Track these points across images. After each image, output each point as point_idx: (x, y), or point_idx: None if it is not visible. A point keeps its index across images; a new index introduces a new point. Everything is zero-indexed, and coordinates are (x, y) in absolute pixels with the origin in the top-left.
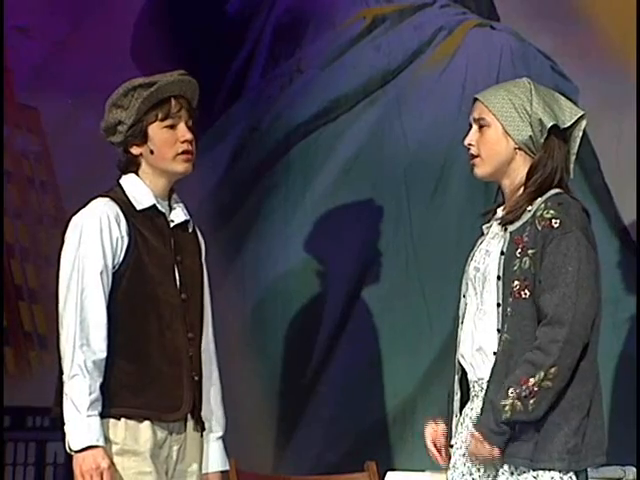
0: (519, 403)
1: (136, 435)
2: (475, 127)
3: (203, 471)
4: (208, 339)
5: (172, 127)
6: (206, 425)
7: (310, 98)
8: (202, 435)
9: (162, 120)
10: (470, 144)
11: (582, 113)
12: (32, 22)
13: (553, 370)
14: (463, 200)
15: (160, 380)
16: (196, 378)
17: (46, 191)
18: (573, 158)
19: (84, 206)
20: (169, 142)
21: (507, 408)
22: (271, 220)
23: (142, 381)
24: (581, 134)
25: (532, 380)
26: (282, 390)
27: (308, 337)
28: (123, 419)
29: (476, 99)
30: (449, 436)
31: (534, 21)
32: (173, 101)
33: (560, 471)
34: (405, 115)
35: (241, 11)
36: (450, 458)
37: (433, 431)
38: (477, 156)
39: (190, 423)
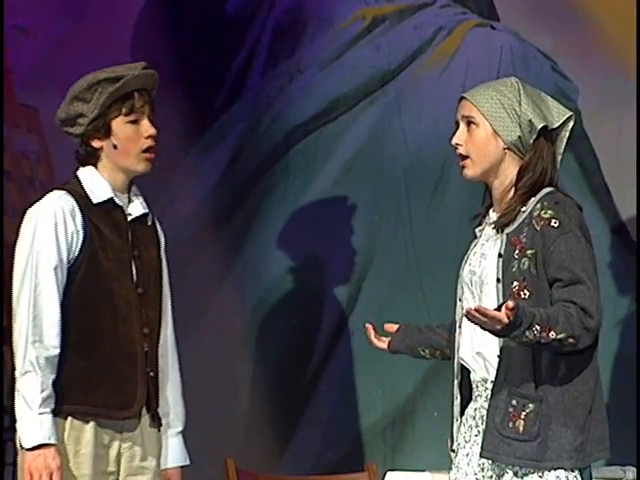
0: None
1: (79, 436)
2: (463, 126)
3: (162, 467)
4: (167, 333)
5: (135, 122)
6: (164, 421)
7: (310, 98)
8: (159, 431)
9: (126, 115)
10: (458, 143)
11: (570, 114)
12: (32, 22)
13: (571, 341)
14: (463, 200)
15: (113, 376)
16: (151, 374)
17: (46, 191)
18: (560, 158)
19: (40, 199)
20: (133, 137)
21: (530, 337)
22: (271, 220)
23: (94, 377)
24: (568, 135)
25: (553, 334)
26: (282, 390)
27: (308, 337)
28: (69, 418)
29: (463, 97)
30: (451, 441)
31: (534, 21)
32: (137, 95)
33: (566, 469)
34: (405, 115)
35: (241, 11)
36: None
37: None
38: (467, 157)
39: (145, 419)
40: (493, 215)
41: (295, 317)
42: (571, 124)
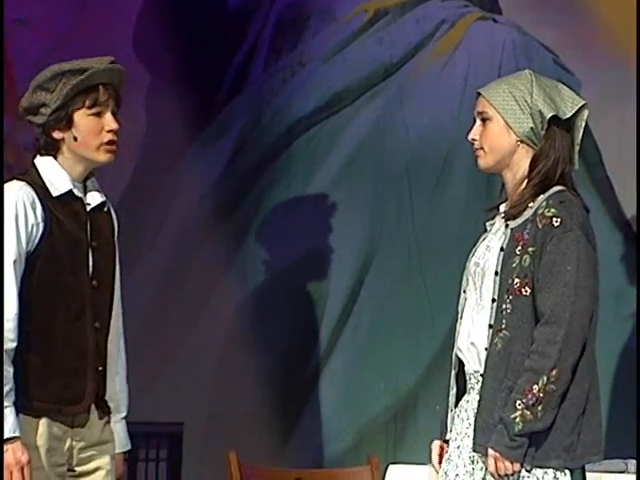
0: (528, 412)
1: (32, 429)
2: (478, 121)
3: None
4: (116, 325)
5: (98, 115)
6: (111, 405)
7: (312, 92)
8: (109, 420)
9: (89, 108)
10: (474, 139)
11: (583, 103)
12: (33, 14)
13: (554, 372)
14: (465, 193)
15: (63, 373)
16: (100, 369)
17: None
18: (577, 148)
19: None
20: (95, 130)
21: (518, 420)
22: (273, 213)
23: (45, 373)
24: (584, 124)
25: (536, 387)
26: (284, 384)
27: (310, 331)
28: (21, 415)
29: (479, 94)
30: (445, 431)
31: (536, 14)
32: (101, 89)
33: (555, 469)
34: (407, 108)
35: (243, 5)
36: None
37: (440, 449)
38: (481, 148)
39: (94, 414)
40: (504, 208)
41: (297, 310)
42: (586, 113)
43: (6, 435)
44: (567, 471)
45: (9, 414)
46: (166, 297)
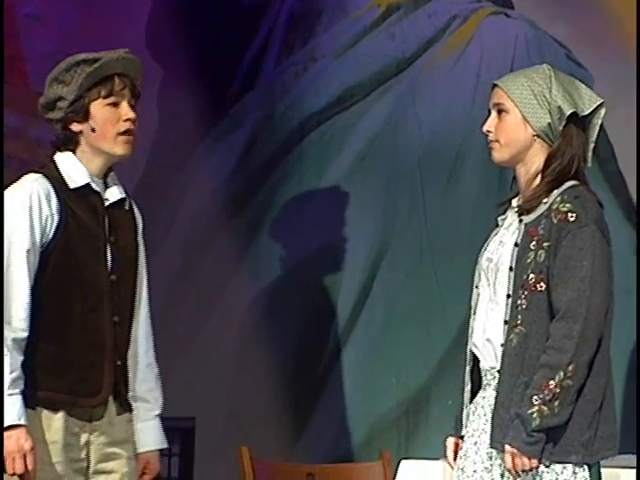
0: (545, 408)
1: (49, 424)
2: (494, 113)
3: (140, 450)
4: (140, 319)
5: (115, 105)
6: (141, 405)
7: (324, 87)
8: (131, 416)
9: (105, 97)
10: (489, 130)
11: (601, 101)
12: (46, 9)
13: (571, 368)
14: (477, 188)
15: (79, 364)
16: (118, 363)
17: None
18: (592, 146)
19: (15, 181)
20: (111, 120)
21: (535, 415)
22: (285, 208)
23: (61, 365)
24: (600, 122)
25: (552, 382)
26: (296, 378)
27: (322, 325)
28: (38, 407)
29: (495, 85)
30: (459, 427)
31: (548, 9)
32: (117, 79)
33: (574, 464)
34: (419, 104)
35: (255, 0)
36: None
37: (455, 445)
38: (496, 141)
39: (113, 408)
40: (516, 203)
41: (309, 305)
42: (603, 111)
43: (11, 422)
44: (585, 466)
45: (15, 401)
46: (178, 293)
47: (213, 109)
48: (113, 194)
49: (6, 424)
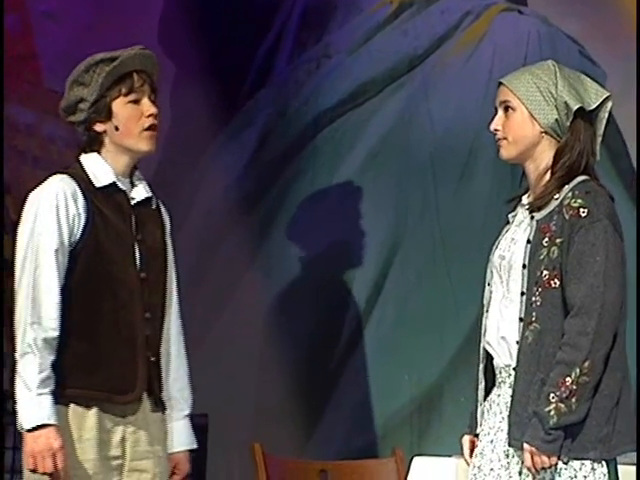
0: (562, 405)
1: (82, 422)
2: (500, 111)
3: (169, 451)
4: (171, 318)
5: (136, 102)
6: (172, 404)
7: (337, 83)
8: (164, 415)
9: (126, 95)
10: (496, 129)
11: (607, 94)
12: (59, 7)
13: (587, 364)
14: (489, 185)
15: (112, 361)
16: (152, 359)
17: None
18: (599, 140)
19: (42, 182)
20: (134, 117)
21: (552, 413)
22: (297, 206)
23: (94, 362)
24: (607, 115)
25: (569, 379)
26: (309, 375)
27: (334, 322)
28: (71, 404)
29: (501, 83)
30: (475, 425)
31: (561, 5)
32: (135, 76)
33: (592, 460)
34: (432, 100)
35: None
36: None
37: (471, 443)
38: (504, 138)
39: (147, 404)
40: (526, 200)
41: (322, 302)
42: (609, 105)
43: (40, 421)
44: (603, 462)
45: (45, 401)
46: (191, 290)
47: (226, 106)
48: (139, 193)
49: (36, 424)
